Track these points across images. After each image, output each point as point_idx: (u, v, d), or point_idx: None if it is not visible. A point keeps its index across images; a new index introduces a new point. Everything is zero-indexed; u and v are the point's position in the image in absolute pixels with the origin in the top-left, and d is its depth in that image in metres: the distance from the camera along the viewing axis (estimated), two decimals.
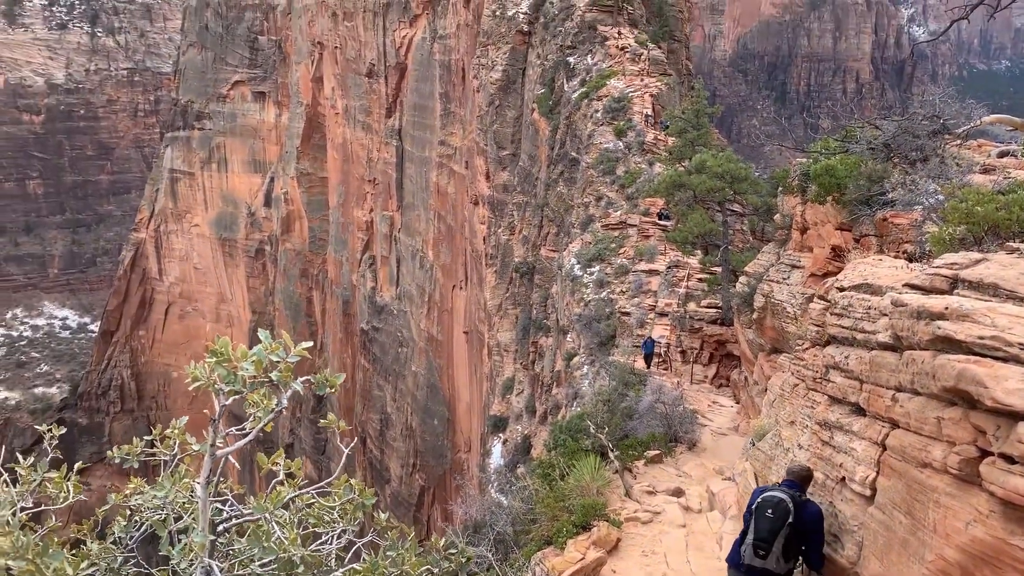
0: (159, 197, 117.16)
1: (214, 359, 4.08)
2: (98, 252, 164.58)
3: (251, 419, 4.43)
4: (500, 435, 44.25)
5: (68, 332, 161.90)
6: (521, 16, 61.94)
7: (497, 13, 64.64)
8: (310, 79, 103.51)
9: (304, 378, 4.39)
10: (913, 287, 6.69)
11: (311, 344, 4.45)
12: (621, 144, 43.22)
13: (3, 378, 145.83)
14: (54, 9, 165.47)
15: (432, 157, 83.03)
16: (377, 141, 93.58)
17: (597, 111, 46.09)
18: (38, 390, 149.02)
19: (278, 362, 4.18)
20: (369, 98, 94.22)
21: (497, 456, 42.10)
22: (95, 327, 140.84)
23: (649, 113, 45.01)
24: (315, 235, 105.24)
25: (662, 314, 25.93)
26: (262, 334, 4.23)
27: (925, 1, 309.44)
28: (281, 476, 4.97)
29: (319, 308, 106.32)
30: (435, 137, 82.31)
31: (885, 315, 7.35)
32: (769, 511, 7.51)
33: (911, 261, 9.16)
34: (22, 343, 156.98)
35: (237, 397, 4.23)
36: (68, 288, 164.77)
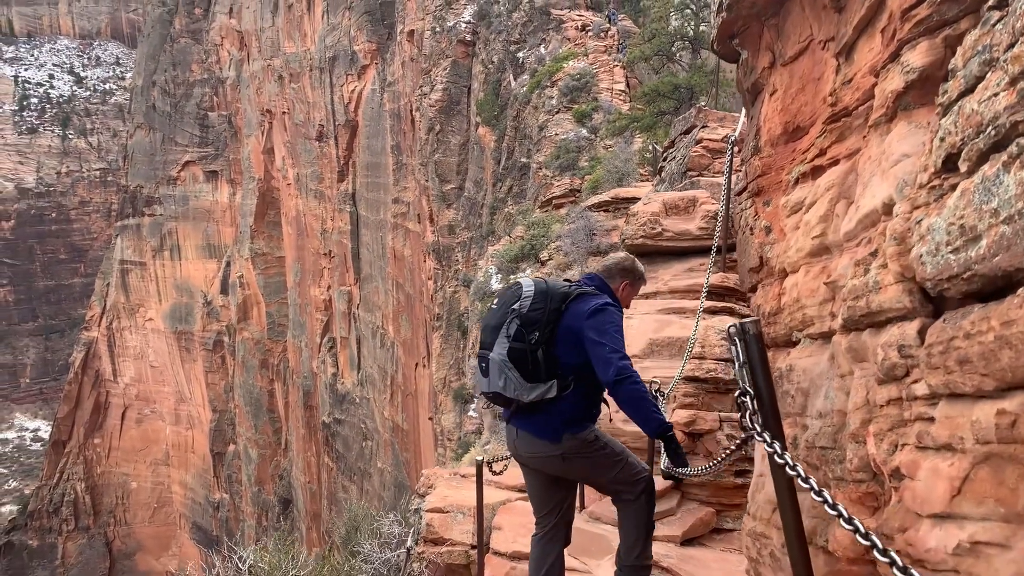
0: (110, 292, 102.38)
1: None
2: None
3: None
4: None
5: (39, 444, 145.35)
6: (463, 25, 47.98)
7: (437, 29, 50.72)
8: (261, 151, 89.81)
9: None
10: None
11: None
12: (584, 131, 28.40)
13: None
14: (24, 115, 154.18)
15: (387, 219, 68.50)
16: (331, 209, 79.14)
17: (551, 98, 31.39)
18: (4, 508, 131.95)
19: None
20: (320, 163, 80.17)
21: None
22: None
23: (623, 88, 30.21)
24: (274, 321, 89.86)
25: None
26: None
27: None
28: None
29: (281, 401, 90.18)
30: (389, 196, 67.94)
31: None
32: (495, 301, 3.95)
33: None
34: None
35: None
36: (41, 398, 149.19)
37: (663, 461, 3.64)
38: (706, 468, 3.25)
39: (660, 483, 6.56)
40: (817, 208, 2.32)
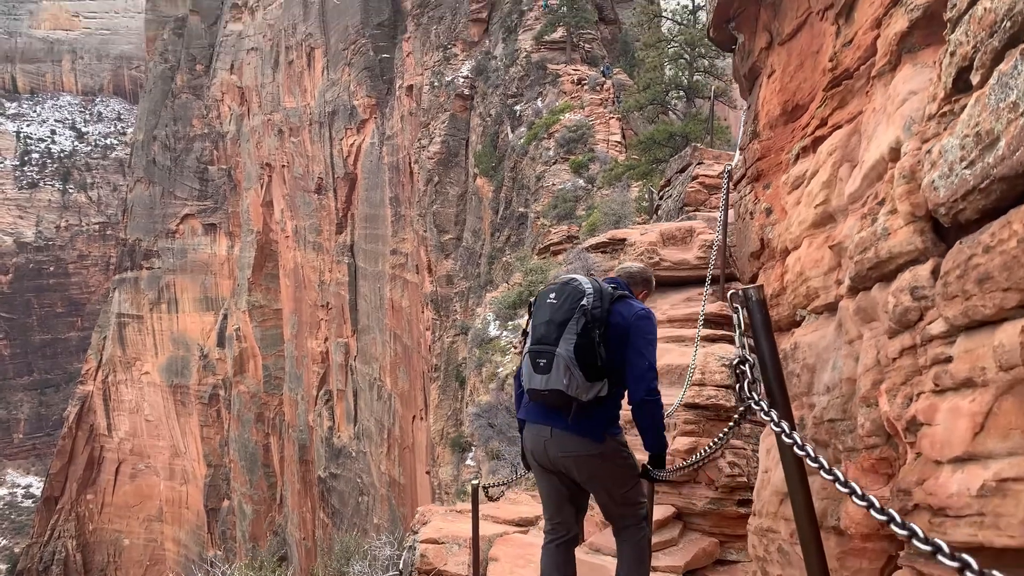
0: (106, 345, 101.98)
1: None
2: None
3: None
4: None
5: (31, 501, 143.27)
6: (461, 80, 48.73)
7: (435, 84, 51.55)
8: (260, 204, 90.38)
9: None
10: None
11: None
12: (581, 181, 28.66)
13: None
14: (25, 169, 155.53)
15: (385, 270, 68.60)
16: (329, 261, 79.31)
17: (548, 149, 31.72)
18: None
19: None
20: (319, 215, 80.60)
21: None
22: None
23: (619, 139, 30.54)
24: (270, 374, 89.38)
25: None
26: None
27: None
28: None
29: (277, 456, 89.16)
30: (387, 248, 68.17)
31: None
32: (552, 296, 3.89)
33: None
34: None
35: None
36: (34, 453, 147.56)
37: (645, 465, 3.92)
38: (692, 462, 3.38)
39: (661, 512, 6.37)
40: (820, 175, 2.25)
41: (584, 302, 3.72)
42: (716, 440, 2.54)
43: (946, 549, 1.32)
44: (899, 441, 1.78)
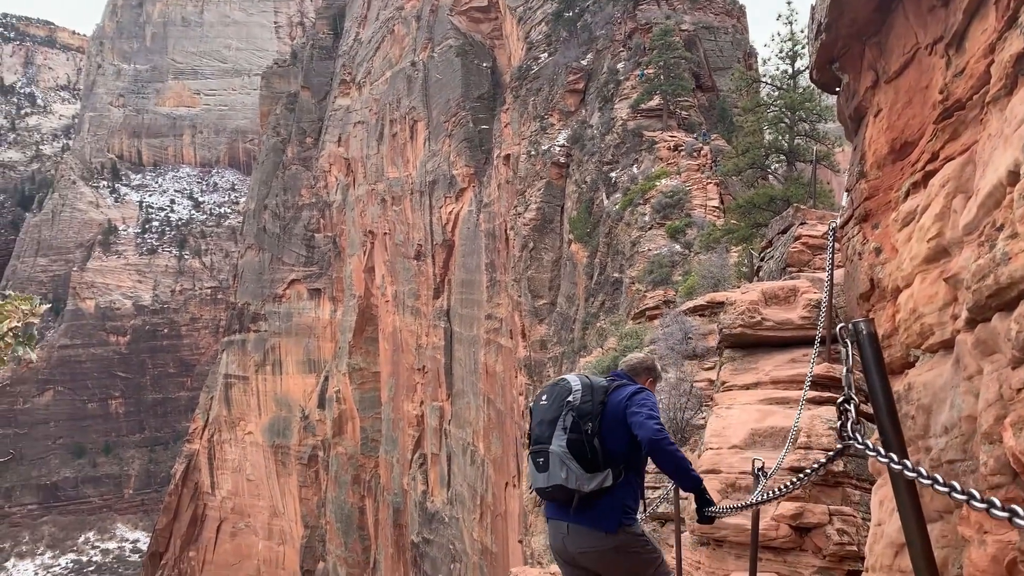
0: (213, 405, 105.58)
1: None
2: None
3: None
4: None
5: (138, 556, 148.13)
6: (557, 148, 49.46)
7: (532, 152, 52.45)
8: (362, 270, 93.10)
9: None
10: None
11: None
12: (677, 246, 28.43)
13: None
14: (146, 236, 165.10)
15: (480, 335, 69.16)
16: (426, 325, 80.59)
17: (644, 215, 31.70)
18: None
19: None
20: (417, 281, 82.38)
21: None
22: None
23: (717, 204, 30.30)
24: (367, 436, 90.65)
25: None
26: None
27: None
28: None
29: (372, 519, 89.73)
30: (482, 312, 68.85)
31: None
32: (543, 398, 4.20)
33: None
34: (90, 569, 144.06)
35: None
36: (142, 508, 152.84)
37: (693, 510, 4.02)
38: (746, 503, 3.44)
39: None
40: (932, 208, 2.19)
41: (570, 398, 4.04)
42: (805, 474, 2.44)
43: None
44: None
